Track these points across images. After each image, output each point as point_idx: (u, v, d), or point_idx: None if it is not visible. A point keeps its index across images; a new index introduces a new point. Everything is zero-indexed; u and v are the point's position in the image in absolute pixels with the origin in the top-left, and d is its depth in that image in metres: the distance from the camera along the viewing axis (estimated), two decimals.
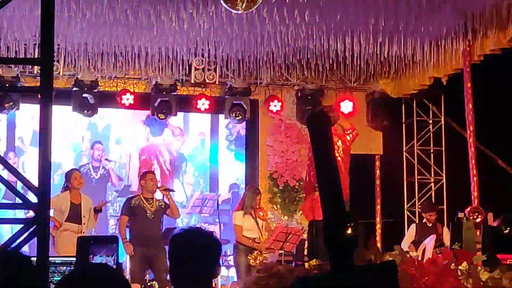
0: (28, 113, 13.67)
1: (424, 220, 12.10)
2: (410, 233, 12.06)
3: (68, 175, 11.07)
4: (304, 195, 11.39)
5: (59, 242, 10.56)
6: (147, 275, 11.05)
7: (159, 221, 10.91)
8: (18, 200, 3.64)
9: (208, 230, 3.87)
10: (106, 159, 14.36)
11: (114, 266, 3.41)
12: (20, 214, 10.81)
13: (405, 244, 11.68)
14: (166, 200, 11.06)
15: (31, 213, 4.73)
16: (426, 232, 11.68)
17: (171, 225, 11.77)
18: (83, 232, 10.68)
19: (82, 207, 10.87)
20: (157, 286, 10.68)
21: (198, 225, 13.12)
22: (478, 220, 10.78)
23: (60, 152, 13.91)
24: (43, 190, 3.06)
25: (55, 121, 13.31)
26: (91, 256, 3.28)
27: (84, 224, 10.81)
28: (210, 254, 3.60)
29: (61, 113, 13.48)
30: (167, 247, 3.74)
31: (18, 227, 3.35)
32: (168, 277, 10.12)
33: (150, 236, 10.69)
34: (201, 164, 15.06)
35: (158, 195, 11.22)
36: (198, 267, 3.52)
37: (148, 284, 10.78)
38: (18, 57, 12.28)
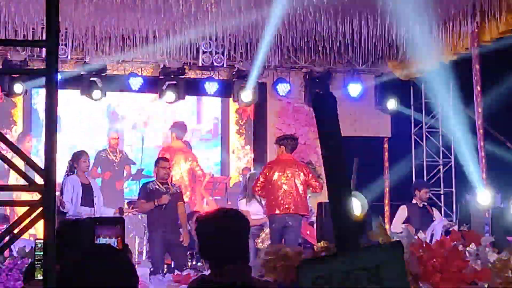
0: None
1: (414, 201, 11.80)
2: (402, 214, 11.77)
3: (77, 156, 10.56)
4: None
5: None
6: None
7: (175, 206, 10.81)
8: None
9: (234, 210, 4.16)
10: (121, 152, 14.32)
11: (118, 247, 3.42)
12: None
13: (398, 225, 11.42)
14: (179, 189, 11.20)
15: None
16: (418, 213, 11.53)
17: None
18: (95, 215, 10.51)
19: (93, 188, 10.69)
20: None
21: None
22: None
23: (78, 136, 14.01)
24: (49, 172, 3.04)
25: (74, 105, 13.24)
26: (96, 237, 3.29)
27: (96, 205, 10.64)
28: (243, 233, 3.96)
29: (79, 98, 13.59)
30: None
31: None
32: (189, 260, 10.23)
33: (167, 220, 10.68)
34: (212, 147, 15.11)
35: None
36: (235, 246, 3.80)
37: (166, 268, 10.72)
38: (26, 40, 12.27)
